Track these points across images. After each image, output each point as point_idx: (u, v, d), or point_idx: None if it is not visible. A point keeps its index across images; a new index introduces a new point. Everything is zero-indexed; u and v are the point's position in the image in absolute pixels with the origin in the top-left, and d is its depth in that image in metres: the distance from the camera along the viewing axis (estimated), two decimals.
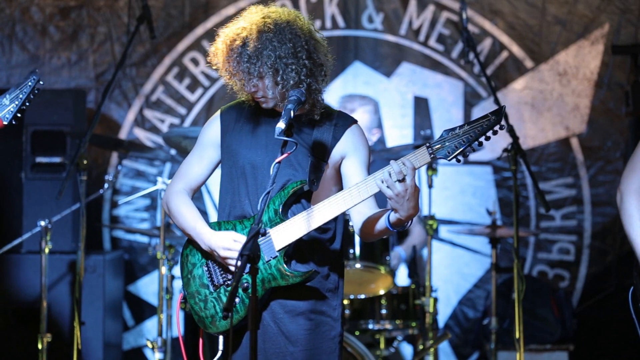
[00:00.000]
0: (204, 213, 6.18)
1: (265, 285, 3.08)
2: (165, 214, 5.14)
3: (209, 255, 3.18)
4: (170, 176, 5.66)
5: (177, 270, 5.44)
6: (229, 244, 3.07)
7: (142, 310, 6.23)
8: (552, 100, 6.14)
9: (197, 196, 6.13)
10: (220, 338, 3.15)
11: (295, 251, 3.11)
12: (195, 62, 6.21)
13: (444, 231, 6.18)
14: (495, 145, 5.79)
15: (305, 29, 3.11)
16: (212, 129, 3.29)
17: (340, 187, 3.22)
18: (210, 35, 6.19)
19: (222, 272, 3.16)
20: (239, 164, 3.18)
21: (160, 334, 4.99)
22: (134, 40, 4.89)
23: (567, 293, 6.07)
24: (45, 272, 4.80)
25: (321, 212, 3.04)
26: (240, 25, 3.11)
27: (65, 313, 5.51)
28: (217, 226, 3.18)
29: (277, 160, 2.89)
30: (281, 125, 2.92)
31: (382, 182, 2.92)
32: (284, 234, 3.06)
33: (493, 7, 6.16)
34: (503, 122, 2.94)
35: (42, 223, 4.78)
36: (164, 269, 5.12)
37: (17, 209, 5.64)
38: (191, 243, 3.24)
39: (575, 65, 6.13)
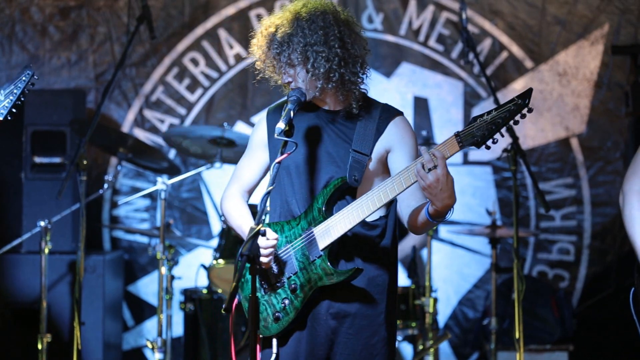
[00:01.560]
0: (204, 214, 6.18)
1: (312, 285, 3.05)
2: (164, 215, 5.15)
3: None
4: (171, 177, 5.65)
5: (177, 271, 5.44)
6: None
7: (142, 310, 6.22)
8: (552, 101, 6.14)
9: (197, 196, 6.16)
10: (274, 341, 3.11)
11: (341, 250, 3.08)
12: (195, 62, 6.21)
13: (443, 231, 6.18)
14: (495, 145, 5.78)
15: (341, 19, 3.09)
16: (260, 131, 3.26)
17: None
18: (210, 35, 6.19)
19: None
20: (284, 164, 3.09)
21: (160, 334, 4.99)
22: (134, 40, 4.88)
23: (567, 293, 6.06)
24: (45, 273, 4.80)
25: (360, 208, 3.01)
26: (278, 14, 3.12)
27: (65, 313, 5.51)
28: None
29: (276, 160, 2.88)
30: (281, 125, 2.92)
31: (417, 172, 2.88)
32: (327, 232, 3.04)
33: (493, 8, 6.16)
34: (531, 105, 2.89)
35: (42, 223, 4.78)
36: (163, 269, 5.12)
37: (16, 209, 5.65)
38: None
39: (575, 66, 6.13)
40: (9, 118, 3.26)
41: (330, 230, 3.03)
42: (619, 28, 6.10)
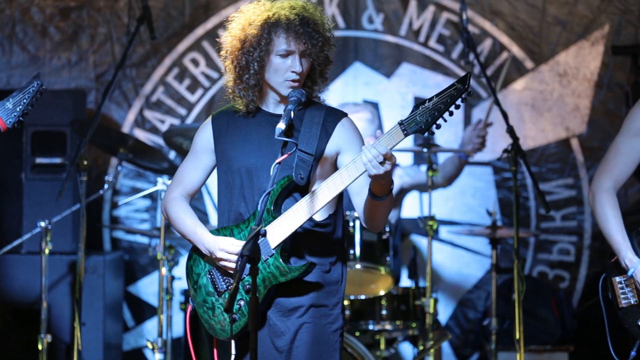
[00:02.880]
0: (204, 214, 6.18)
1: (266, 284, 3.09)
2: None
3: (211, 261, 3.20)
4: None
5: (177, 271, 5.45)
6: (226, 246, 3.10)
7: (142, 310, 6.23)
8: (552, 101, 6.14)
9: (197, 197, 6.15)
10: (233, 342, 3.16)
11: (294, 247, 3.13)
12: (195, 62, 6.21)
13: (444, 232, 6.18)
14: (496, 145, 5.79)
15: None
16: (205, 135, 3.31)
17: None
18: (211, 35, 6.19)
19: (224, 278, 3.18)
20: (233, 168, 3.20)
21: (160, 334, 4.99)
22: (134, 40, 4.89)
23: (567, 294, 6.06)
24: (45, 273, 4.80)
25: (310, 203, 3.05)
26: (280, 4, 3.17)
27: (65, 314, 5.51)
28: (216, 233, 3.21)
29: (277, 160, 2.90)
30: (281, 125, 2.94)
31: (367, 164, 2.93)
32: (277, 231, 3.08)
33: (493, 8, 6.16)
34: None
35: (42, 224, 4.79)
36: (164, 270, 5.12)
37: (17, 210, 5.65)
38: (195, 252, 3.26)
39: (576, 66, 6.13)
40: (16, 126, 3.32)
41: (281, 228, 3.07)
42: (619, 28, 6.10)
